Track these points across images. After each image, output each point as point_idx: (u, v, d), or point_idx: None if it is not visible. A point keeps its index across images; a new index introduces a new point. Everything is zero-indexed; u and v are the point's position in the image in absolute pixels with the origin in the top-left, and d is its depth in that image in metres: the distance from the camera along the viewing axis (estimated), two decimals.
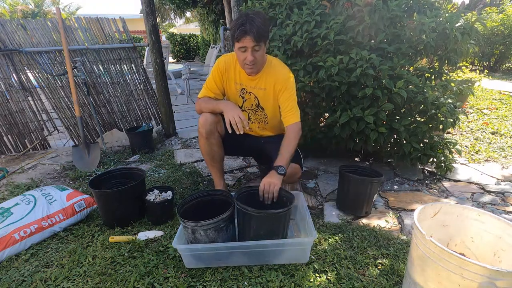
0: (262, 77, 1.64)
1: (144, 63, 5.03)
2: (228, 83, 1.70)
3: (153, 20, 2.87)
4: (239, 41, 1.44)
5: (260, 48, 1.48)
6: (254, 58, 1.48)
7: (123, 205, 1.60)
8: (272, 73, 1.63)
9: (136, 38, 10.54)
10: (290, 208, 1.28)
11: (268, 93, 1.66)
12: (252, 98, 1.70)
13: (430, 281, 0.91)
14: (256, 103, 1.71)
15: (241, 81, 1.68)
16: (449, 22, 1.82)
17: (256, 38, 1.42)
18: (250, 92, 1.69)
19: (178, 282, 1.21)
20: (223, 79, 1.69)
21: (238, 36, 1.43)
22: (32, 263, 1.38)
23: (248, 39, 1.42)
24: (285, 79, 1.62)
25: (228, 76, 1.69)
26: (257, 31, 1.41)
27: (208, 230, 1.25)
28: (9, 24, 2.63)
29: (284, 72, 1.63)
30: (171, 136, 3.25)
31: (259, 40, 1.44)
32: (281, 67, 1.65)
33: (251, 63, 1.50)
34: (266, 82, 1.64)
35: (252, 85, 1.67)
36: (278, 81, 1.62)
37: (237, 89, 1.70)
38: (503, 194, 1.89)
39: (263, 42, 1.48)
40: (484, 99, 4.27)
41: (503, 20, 6.51)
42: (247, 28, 1.40)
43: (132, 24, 16.14)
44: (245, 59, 1.49)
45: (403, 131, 1.91)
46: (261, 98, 1.69)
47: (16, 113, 2.82)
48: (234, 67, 1.67)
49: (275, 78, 1.62)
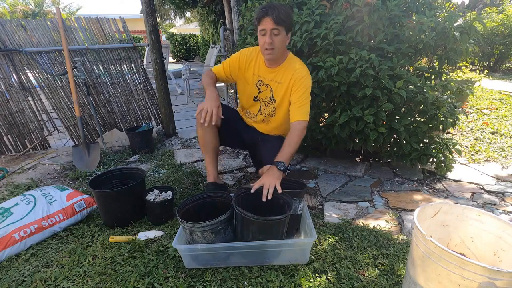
0: (280, 71, 1.68)
1: (144, 63, 5.03)
2: (246, 72, 1.76)
3: (153, 20, 2.87)
4: (260, 23, 1.51)
5: (280, 33, 1.52)
6: (272, 41, 1.52)
7: (123, 205, 1.60)
8: (291, 68, 1.67)
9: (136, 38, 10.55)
10: (288, 215, 1.27)
11: (282, 87, 1.69)
12: (268, 90, 1.74)
13: (430, 281, 0.91)
14: (271, 96, 1.74)
15: (259, 73, 1.73)
16: (448, 21, 1.82)
17: (275, 20, 1.47)
18: (267, 85, 1.73)
19: (178, 282, 1.21)
20: (240, 67, 1.75)
21: (259, 17, 1.50)
22: (32, 263, 1.38)
23: (267, 20, 1.48)
24: (302, 77, 1.64)
25: (249, 66, 1.75)
26: (277, 15, 1.46)
27: (206, 232, 1.25)
28: (9, 24, 2.63)
29: (303, 70, 1.67)
30: (171, 136, 3.25)
31: (278, 23, 1.48)
32: (300, 65, 1.69)
33: (269, 46, 1.53)
34: (283, 76, 1.67)
35: (270, 78, 1.71)
36: (295, 77, 1.65)
37: (254, 80, 1.75)
38: (503, 194, 1.89)
39: (283, 27, 1.52)
40: (484, 99, 4.27)
41: (503, 20, 6.52)
42: (267, 10, 1.47)
43: (132, 24, 16.15)
44: (264, 43, 1.54)
45: (403, 131, 1.91)
46: (275, 91, 1.72)
47: (16, 113, 2.82)
48: (256, 58, 1.74)
49: (293, 74, 1.65)
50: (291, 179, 1.59)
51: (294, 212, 1.42)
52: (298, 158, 2.54)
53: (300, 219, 1.51)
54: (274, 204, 1.39)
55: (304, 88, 1.63)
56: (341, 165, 2.35)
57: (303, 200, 1.48)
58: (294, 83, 1.64)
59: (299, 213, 1.48)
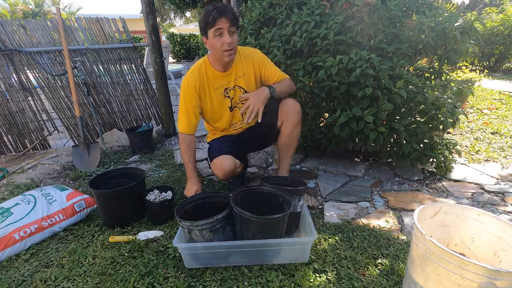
0: (237, 66, 1.67)
1: (144, 63, 5.03)
2: (207, 95, 1.68)
3: (153, 20, 2.88)
4: (215, 24, 1.45)
5: (235, 32, 1.52)
6: (232, 41, 1.49)
7: (123, 205, 1.60)
8: (245, 56, 1.69)
9: (136, 38, 10.54)
10: (288, 213, 1.27)
11: (249, 76, 1.70)
12: (236, 90, 1.71)
13: (430, 281, 0.91)
14: (242, 92, 1.72)
15: (220, 84, 1.68)
16: (448, 21, 1.82)
17: (231, 19, 1.46)
18: (234, 86, 1.70)
19: (178, 282, 1.21)
20: (201, 96, 1.67)
21: (213, 19, 1.44)
22: (32, 263, 1.38)
23: (223, 20, 1.45)
24: (259, 54, 1.73)
25: (204, 88, 1.66)
26: (231, 13, 1.46)
27: (204, 231, 1.25)
28: (9, 24, 2.63)
29: (255, 50, 1.74)
30: (171, 136, 3.25)
31: (233, 23, 1.48)
32: (248, 48, 1.75)
33: (230, 46, 1.50)
34: (243, 68, 1.68)
35: (232, 79, 1.68)
36: (255, 59, 1.70)
37: (220, 93, 1.70)
38: (503, 194, 1.89)
39: (236, 27, 1.51)
40: (484, 99, 4.26)
41: (503, 20, 6.51)
42: (220, 11, 1.44)
43: (132, 24, 16.14)
44: (223, 43, 1.49)
45: (403, 131, 1.91)
46: (244, 85, 1.71)
47: (16, 113, 2.82)
48: (206, 74, 1.66)
49: (251, 58, 1.68)
50: (291, 178, 1.60)
51: (293, 210, 1.43)
52: (298, 158, 2.54)
53: (299, 217, 1.51)
54: (273, 202, 1.39)
55: (269, 61, 1.75)
56: (341, 165, 2.36)
57: (302, 198, 1.48)
58: (260, 64, 1.70)
59: (298, 211, 1.48)
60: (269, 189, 1.42)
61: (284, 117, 1.70)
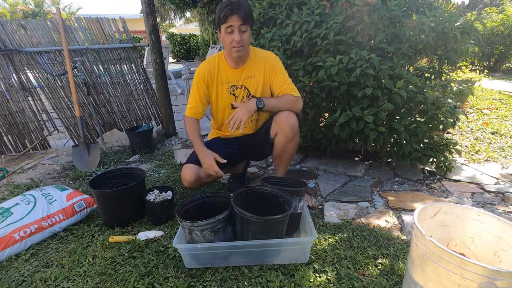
0: (249, 66, 1.65)
1: (144, 63, 5.03)
2: (214, 86, 1.68)
3: (153, 20, 2.87)
4: (226, 21, 1.45)
5: (247, 30, 1.50)
6: (241, 39, 1.48)
7: (123, 205, 1.60)
8: (260, 57, 1.65)
9: (136, 38, 10.54)
10: (288, 214, 1.27)
11: (258, 80, 1.66)
12: (242, 91, 1.69)
13: (430, 281, 0.91)
14: (247, 94, 1.69)
15: (229, 79, 1.67)
16: (448, 21, 1.82)
17: (243, 17, 1.44)
18: (241, 86, 1.68)
19: (178, 282, 1.21)
20: (208, 84, 1.67)
21: (225, 16, 1.44)
22: (32, 263, 1.38)
23: (234, 18, 1.44)
24: (275, 60, 1.66)
25: (212, 79, 1.67)
26: (244, 11, 1.44)
27: (205, 231, 1.25)
28: (9, 24, 2.63)
29: (272, 55, 1.68)
30: (171, 136, 3.25)
31: (245, 21, 1.46)
32: (265, 52, 1.69)
33: (238, 44, 1.49)
34: (254, 69, 1.65)
35: (242, 77, 1.66)
36: (268, 62, 1.65)
37: (226, 88, 1.69)
38: (503, 194, 1.89)
39: (249, 25, 1.49)
40: (484, 99, 4.27)
41: (503, 20, 6.51)
42: (233, 8, 1.42)
43: (132, 24, 16.15)
44: (232, 41, 1.49)
45: (403, 131, 1.91)
46: (251, 87, 1.68)
47: (16, 113, 2.82)
48: (218, 67, 1.66)
49: (264, 61, 1.65)
50: (291, 179, 1.60)
51: (294, 211, 1.43)
52: (298, 158, 2.54)
53: (300, 218, 1.51)
54: (273, 203, 1.39)
55: (282, 70, 1.67)
56: (341, 165, 2.36)
57: (303, 199, 1.48)
58: (271, 69, 1.65)
59: (299, 212, 1.48)
60: (270, 189, 1.42)
61: (277, 129, 1.64)
